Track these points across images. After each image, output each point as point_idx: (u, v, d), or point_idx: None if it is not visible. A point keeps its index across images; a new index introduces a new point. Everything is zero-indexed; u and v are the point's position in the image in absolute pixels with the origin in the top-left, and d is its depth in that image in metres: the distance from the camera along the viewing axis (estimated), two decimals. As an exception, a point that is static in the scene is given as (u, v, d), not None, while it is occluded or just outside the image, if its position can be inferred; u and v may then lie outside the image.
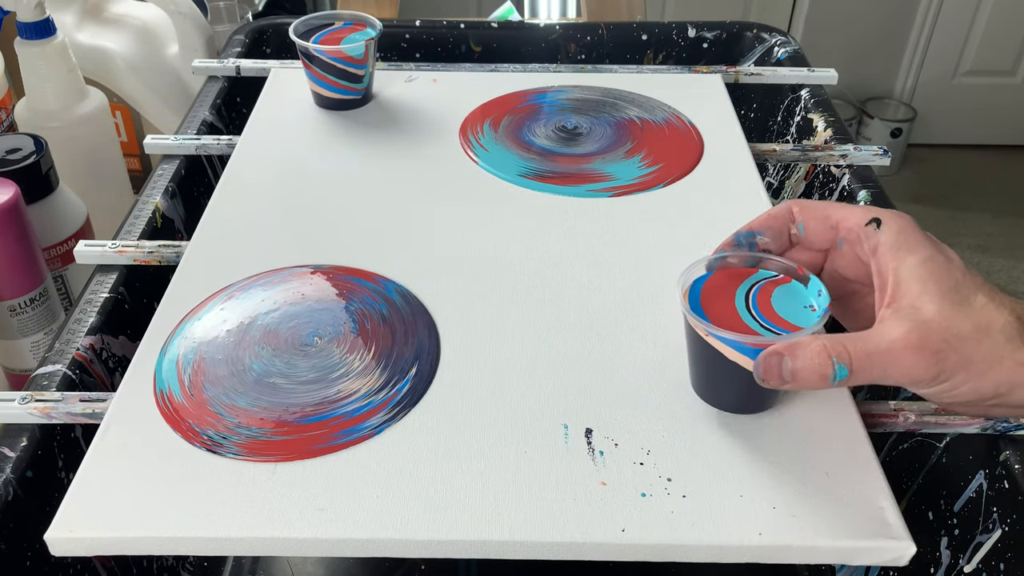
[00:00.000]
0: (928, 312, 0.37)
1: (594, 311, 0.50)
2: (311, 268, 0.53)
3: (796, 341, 0.38)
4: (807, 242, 0.43)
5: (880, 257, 0.40)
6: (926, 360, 0.36)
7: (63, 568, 0.45)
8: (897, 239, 0.39)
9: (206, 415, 0.43)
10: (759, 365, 0.39)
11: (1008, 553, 0.43)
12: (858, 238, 0.41)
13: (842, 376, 0.37)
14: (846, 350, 0.37)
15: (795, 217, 0.43)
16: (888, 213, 0.40)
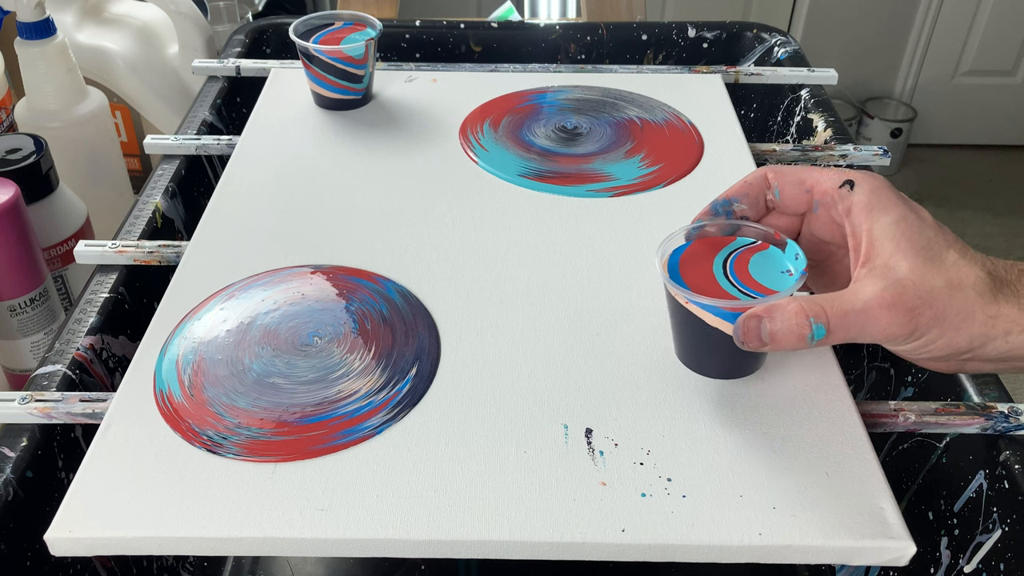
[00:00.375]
0: (902, 270, 0.37)
1: (594, 311, 0.50)
2: (311, 268, 0.53)
3: (774, 304, 0.39)
4: (783, 207, 0.44)
5: (854, 218, 0.40)
6: (901, 317, 0.37)
7: (63, 568, 0.45)
8: (870, 199, 0.40)
9: (206, 415, 0.43)
10: (738, 328, 0.39)
11: (1008, 553, 0.43)
12: (832, 200, 0.42)
13: (820, 336, 0.37)
14: (823, 310, 0.37)
15: (770, 183, 0.44)
16: (861, 174, 0.41)
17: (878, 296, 0.37)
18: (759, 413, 0.44)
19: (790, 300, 0.38)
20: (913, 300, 0.37)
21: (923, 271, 0.37)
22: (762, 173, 0.44)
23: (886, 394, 0.57)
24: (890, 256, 0.38)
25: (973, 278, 0.37)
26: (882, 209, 0.39)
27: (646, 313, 0.50)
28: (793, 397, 0.45)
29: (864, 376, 0.60)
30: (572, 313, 0.50)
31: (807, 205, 0.43)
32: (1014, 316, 0.36)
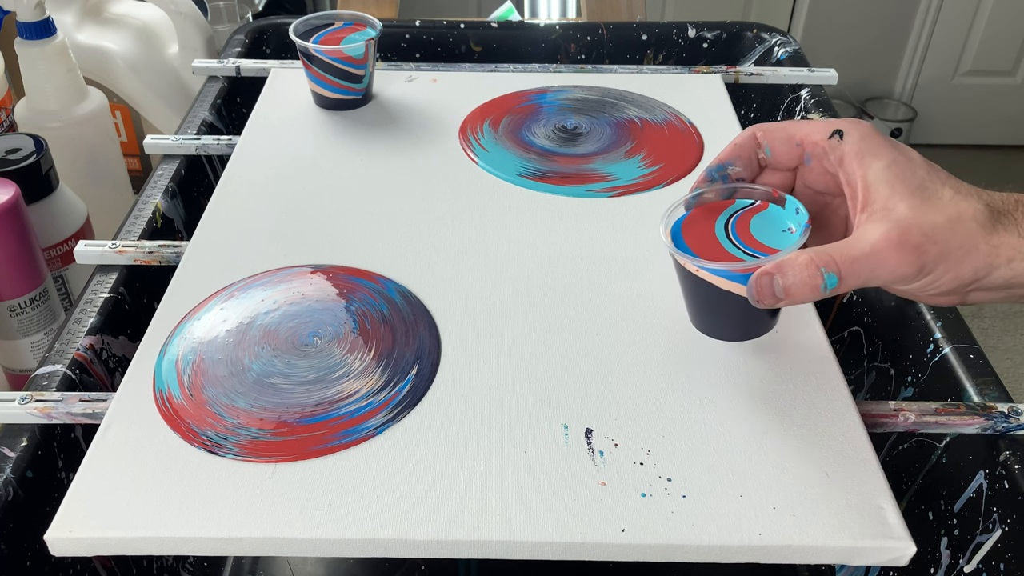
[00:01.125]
0: (901, 211, 0.38)
1: (594, 311, 0.50)
2: (311, 268, 0.53)
3: (784, 259, 0.39)
4: (775, 163, 0.45)
5: (847, 166, 0.41)
6: (909, 256, 0.37)
7: (63, 568, 0.45)
8: (860, 146, 0.40)
9: (206, 416, 0.43)
10: (752, 287, 0.40)
11: (1008, 553, 0.43)
12: (823, 151, 0.42)
13: (832, 284, 0.38)
14: (832, 259, 0.38)
15: (760, 141, 0.44)
16: (847, 122, 0.42)
17: (883, 238, 0.37)
18: (759, 413, 0.44)
19: (799, 253, 0.39)
20: (918, 238, 0.37)
21: (922, 209, 0.38)
22: (751, 133, 0.45)
23: (886, 394, 0.57)
24: (887, 199, 0.38)
25: (972, 211, 0.38)
26: (873, 155, 0.40)
27: (646, 313, 0.50)
28: (793, 397, 0.45)
29: (864, 376, 0.60)
30: (572, 313, 0.50)
31: (799, 159, 0.44)
32: (1015, 244, 0.37)
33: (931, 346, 0.52)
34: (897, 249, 0.37)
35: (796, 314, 0.50)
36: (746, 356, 0.47)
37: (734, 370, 0.46)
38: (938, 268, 0.38)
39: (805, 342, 0.48)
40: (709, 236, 0.43)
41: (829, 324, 0.65)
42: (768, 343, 0.48)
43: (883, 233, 0.38)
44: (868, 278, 0.38)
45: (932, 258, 0.37)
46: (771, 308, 0.41)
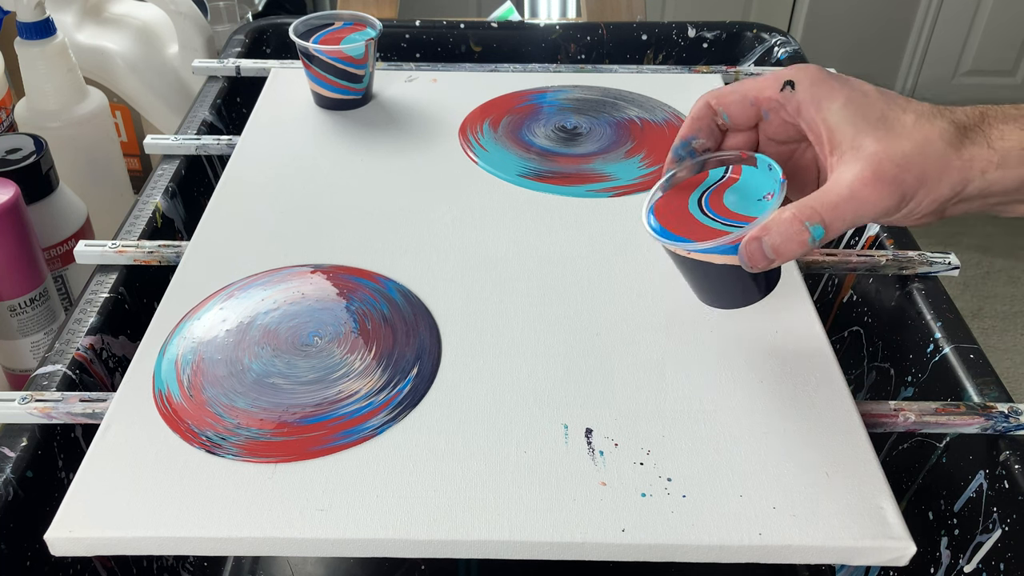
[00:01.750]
0: (870, 147, 0.38)
1: (594, 311, 0.50)
2: (311, 267, 0.53)
3: (767, 221, 0.39)
4: (735, 126, 0.45)
5: (804, 114, 0.41)
6: (887, 189, 0.38)
7: (63, 568, 0.45)
8: (813, 92, 0.41)
9: (205, 416, 0.43)
10: (742, 255, 0.40)
11: (1008, 553, 0.43)
12: (778, 105, 0.42)
13: (819, 235, 0.38)
14: (814, 210, 0.38)
15: (715, 108, 0.44)
16: (795, 69, 0.42)
17: (858, 178, 0.38)
18: (759, 413, 0.44)
19: (782, 211, 0.39)
20: (892, 170, 0.38)
21: (889, 141, 0.38)
22: (704, 102, 0.45)
23: (886, 394, 0.57)
24: (853, 138, 0.39)
25: (938, 131, 0.38)
26: (827, 97, 0.40)
27: (646, 313, 0.50)
28: (793, 397, 0.45)
29: (864, 376, 0.60)
30: (572, 313, 0.50)
31: (757, 116, 0.44)
32: (985, 155, 0.38)
33: (931, 346, 0.52)
34: (874, 185, 0.38)
35: (796, 314, 0.50)
36: (746, 356, 0.47)
37: (734, 370, 0.46)
38: (918, 194, 0.38)
39: (805, 342, 0.48)
40: (685, 216, 0.43)
41: (829, 324, 0.65)
42: (768, 343, 0.48)
43: (857, 173, 0.38)
44: (853, 220, 0.38)
45: (910, 186, 0.38)
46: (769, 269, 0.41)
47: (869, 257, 0.56)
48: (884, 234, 0.60)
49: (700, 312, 0.50)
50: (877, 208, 0.38)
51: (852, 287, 0.63)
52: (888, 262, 0.56)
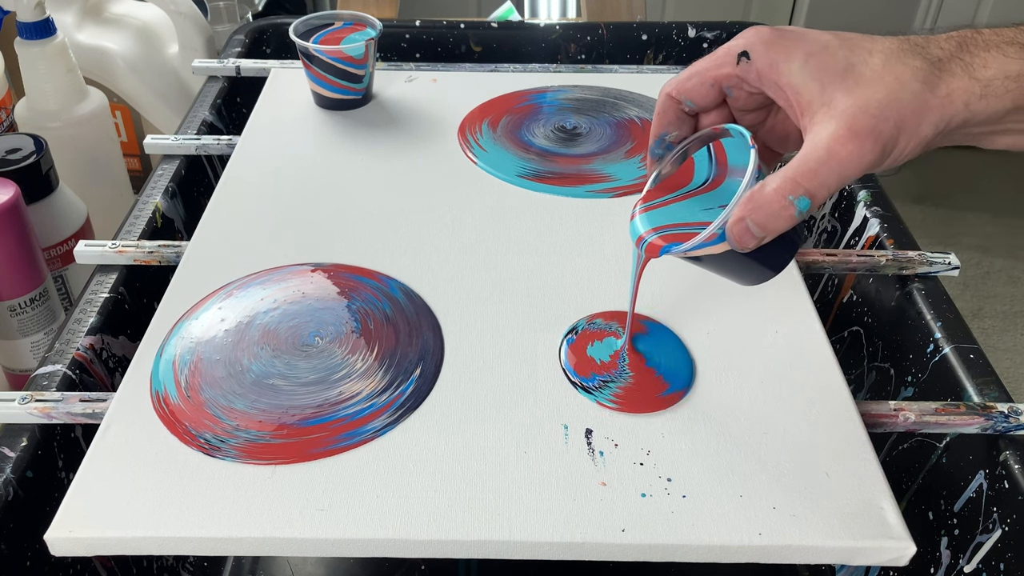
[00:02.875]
0: (841, 102, 0.36)
1: (594, 311, 0.50)
2: (311, 266, 0.53)
3: (749, 199, 0.37)
4: (702, 109, 0.43)
5: (766, 81, 0.39)
6: (866, 144, 0.36)
7: (63, 568, 0.45)
8: (769, 56, 0.39)
9: (203, 418, 0.43)
10: (731, 240, 0.38)
11: (1008, 553, 0.43)
12: (739, 79, 0.41)
13: (806, 206, 0.37)
14: (795, 182, 0.36)
15: (678, 98, 0.43)
16: (746, 36, 0.40)
17: (834, 137, 0.36)
18: (759, 413, 0.44)
19: (761, 187, 0.37)
20: (868, 122, 0.36)
21: (860, 91, 0.36)
22: (665, 95, 0.43)
23: (886, 394, 0.57)
24: (821, 94, 0.37)
25: (911, 71, 0.36)
26: (785, 58, 0.38)
27: (646, 313, 0.50)
28: (793, 397, 0.45)
29: (864, 376, 0.60)
30: (573, 313, 0.50)
31: (721, 95, 0.42)
32: (966, 87, 0.36)
33: (931, 346, 0.52)
34: (853, 142, 0.36)
35: (796, 314, 0.50)
36: (746, 356, 0.47)
37: (734, 370, 0.46)
38: (899, 141, 0.36)
39: (805, 342, 0.48)
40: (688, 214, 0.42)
41: (829, 324, 0.65)
42: (768, 343, 0.48)
43: (832, 132, 0.36)
44: (838, 182, 0.37)
45: (890, 136, 0.36)
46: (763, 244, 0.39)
47: (869, 257, 0.56)
48: (884, 234, 0.60)
49: (700, 312, 0.50)
50: (861, 165, 0.36)
51: (852, 287, 0.63)
52: (888, 262, 0.56)
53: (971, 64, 0.36)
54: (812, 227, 0.72)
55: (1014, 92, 0.35)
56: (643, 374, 0.46)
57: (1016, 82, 0.35)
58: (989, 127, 0.37)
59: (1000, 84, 0.36)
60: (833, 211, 0.68)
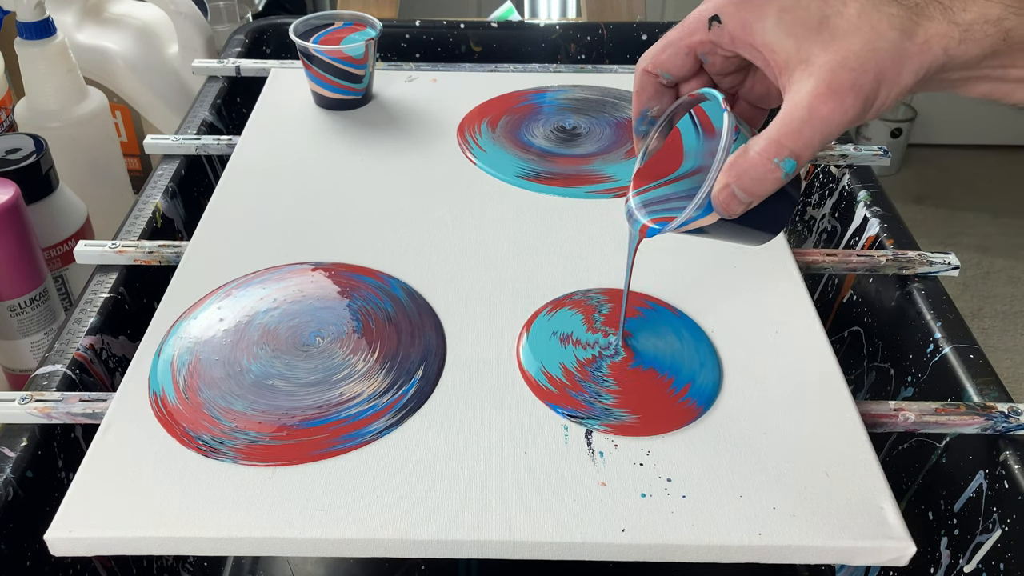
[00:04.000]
0: (818, 57, 0.35)
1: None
2: (312, 265, 0.53)
3: (731, 165, 0.37)
4: (680, 79, 0.42)
5: (740, 43, 0.38)
6: (847, 99, 0.35)
7: (63, 568, 0.45)
8: (740, 17, 0.38)
9: (201, 419, 0.43)
10: (718, 207, 0.38)
11: (1008, 553, 0.43)
12: (712, 46, 0.40)
13: (791, 168, 0.36)
14: (779, 144, 0.36)
15: (655, 72, 0.42)
16: (714, 2, 0.39)
17: (814, 95, 0.35)
18: (759, 413, 0.44)
19: (744, 151, 0.36)
20: (848, 77, 0.35)
21: (836, 44, 0.35)
22: (641, 71, 0.42)
23: (886, 394, 0.57)
24: (798, 51, 0.36)
25: (887, 19, 0.35)
26: (757, 17, 0.37)
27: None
28: (793, 397, 0.45)
29: (864, 376, 0.60)
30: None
31: (697, 62, 0.41)
32: (944, 31, 0.35)
33: (931, 346, 0.52)
34: (833, 98, 0.35)
35: (796, 314, 0.50)
36: (746, 356, 0.47)
37: (734, 370, 0.46)
38: (880, 93, 0.35)
39: (805, 342, 0.48)
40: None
41: (829, 324, 0.65)
42: (768, 343, 0.48)
43: (811, 89, 0.35)
44: (823, 139, 0.36)
45: (870, 88, 0.35)
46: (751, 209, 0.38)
47: (869, 257, 0.56)
48: (884, 234, 0.60)
49: (699, 312, 0.50)
50: (844, 121, 0.35)
51: (852, 287, 0.63)
52: (888, 262, 0.56)
53: (950, 7, 0.35)
54: (812, 227, 0.72)
55: (993, 37, 0.34)
56: (641, 379, 0.46)
57: (996, 26, 0.34)
58: (966, 72, 0.36)
59: (980, 28, 0.35)
60: (833, 211, 0.68)
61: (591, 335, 0.48)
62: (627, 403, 0.44)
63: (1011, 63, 0.35)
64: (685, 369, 0.46)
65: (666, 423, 0.43)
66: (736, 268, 0.54)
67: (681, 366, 0.46)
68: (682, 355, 0.47)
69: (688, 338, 0.48)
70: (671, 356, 0.47)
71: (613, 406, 0.44)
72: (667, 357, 0.47)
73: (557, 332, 0.48)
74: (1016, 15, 0.34)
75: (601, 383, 0.45)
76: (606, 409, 0.44)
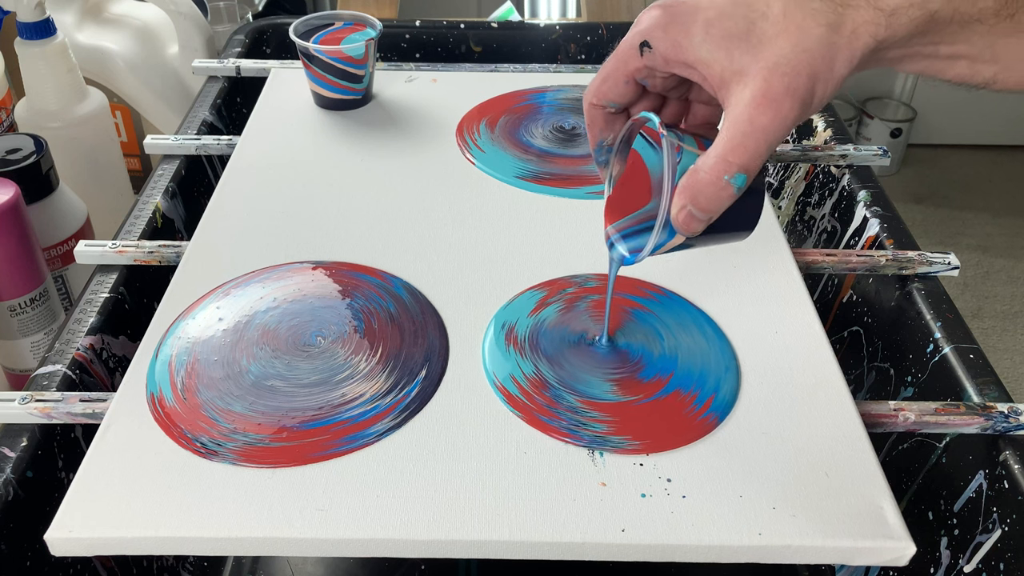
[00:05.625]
0: (751, 67, 0.35)
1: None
2: (312, 263, 0.53)
3: (684, 188, 0.37)
4: (628, 104, 0.42)
5: (674, 63, 0.38)
6: (785, 103, 0.35)
7: (63, 568, 0.45)
8: (669, 39, 0.37)
9: (199, 420, 0.43)
10: (680, 228, 0.38)
11: (1008, 553, 0.43)
12: (650, 70, 0.40)
13: (742, 181, 0.36)
14: (726, 161, 0.36)
15: (601, 104, 0.42)
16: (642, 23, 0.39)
17: (752, 104, 0.35)
18: (759, 413, 0.44)
19: (694, 172, 0.36)
20: (781, 82, 0.35)
21: (765, 49, 0.35)
22: (588, 105, 0.42)
23: (886, 394, 0.57)
24: (730, 63, 0.36)
25: (812, 16, 0.35)
26: (686, 36, 0.37)
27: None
28: (793, 397, 0.45)
29: (864, 376, 0.60)
30: (572, 313, 0.50)
31: (639, 87, 0.41)
32: (870, 18, 0.35)
33: (931, 346, 0.52)
34: (771, 106, 0.35)
35: (796, 314, 0.50)
36: (746, 356, 0.47)
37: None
38: (816, 90, 0.35)
39: (805, 342, 0.48)
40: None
41: (829, 324, 0.65)
42: (768, 343, 0.48)
43: (749, 100, 0.35)
44: (769, 147, 0.35)
45: (806, 89, 0.35)
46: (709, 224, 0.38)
47: (869, 257, 0.56)
48: (884, 234, 0.60)
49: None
50: (785, 126, 0.35)
51: (852, 287, 0.63)
52: (888, 262, 0.56)
53: None
54: (812, 227, 0.72)
55: (918, 19, 0.35)
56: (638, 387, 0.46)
57: (920, 9, 0.35)
58: (899, 51, 0.36)
59: (905, 12, 0.35)
60: (833, 211, 0.68)
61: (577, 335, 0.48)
62: (628, 430, 0.43)
63: (940, 40, 0.36)
64: (711, 377, 0.45)
65: (675, 441, 0.42)
66: (736, 268, 0.54)
67: (707, 375, 0.45)
68: (708, 359, 0.46)
69: (712, 335, 0.47)
70: (699, 361, 0.46)
71: (608, 434, 0.42)
72: (693, 365, 0.46)
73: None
74: None
75: (579, 412, 0.44)
76: (598, 438, 0.42)
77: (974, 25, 0.35)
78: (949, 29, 0.35)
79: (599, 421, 0.43)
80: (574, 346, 0.47)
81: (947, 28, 0.35)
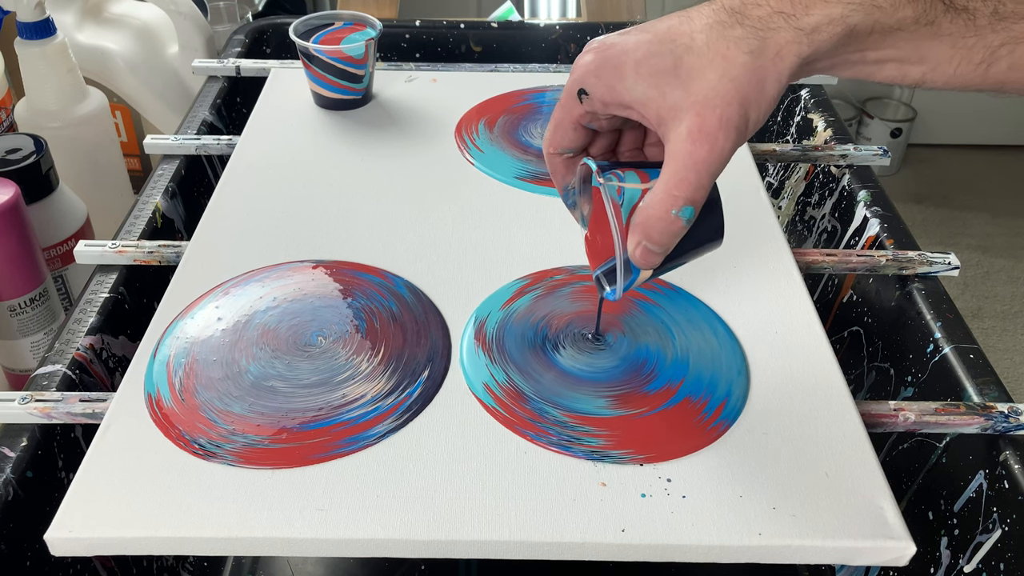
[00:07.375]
0: (683, 102, 0.36)
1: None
2: (312, 262, 0.53)
3: (637, 225, 0.38)
4: (583, 148, 0.43)
5: (612, 105, 0.39)
6: (721, 135, 0.36)
7: (63, 568, 0.45)
8: (603, 83, 0.38)
9: (198, 421, 0.42)
10: (639, 264, 0.39)
11: (1008, 553, 0.43)
12: (591, 114, 0.40)
13: (690, 213, 0.37)
14: (671, 195, 0.36)
15: (558, 151, 0.43)
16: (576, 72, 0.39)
17: (689, 138, 0.36)
18: (759, 413, 0.44)
19: (644, 210, 0.37)
20: (712, 115, 0.35)
21: (696, 85, 0.36)
22: (547, 155, 0.43)
23: (886, 394, 0.57)
24: (664, 100, 0.36)
25: (735, 45, 0.36)
26: (619, 78, 0.38)
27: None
28: (793, 397, 0.45)
29: (864, 376, 0.60)
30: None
31: (588, 135, 0.42)
32: (791, 38, 0.35)
33: (931, 346, 0.52)
34: (707, 140, 0.35)
35: (796, 314, 0.50)
36: (746, 356, 0.47)
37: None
38: (750, 115, 0.36)
39: (805, 342, 0.48)
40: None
41: (829, 324, 0.65)
42: (768, 343, 0.48)
43: (685, 135, 0.36)
44: (711, 177, 0.36)
45: (739, 117, 0.36)
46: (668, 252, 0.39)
47: (869, 257, 0.56)
48: (884, 234, 0.60)
49: (700, 312, 0.50)
50: (723, 155, 0.36)
51: (852, 287, 0.63)
52: (888, 262, 0.56)
53: (792, 15, 0.36)
54: (812, 227, 0.72)
55: (839, 34, 0.35)
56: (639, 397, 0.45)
57: (840, 24, 0.35)
58: (828, 61, 0.37)
59: (825, 29, 0.35)
60: (833, 211, 0.68)
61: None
62: (630, 444, 0.42)
63: (865, 47, 0.36)
64: (723, 382, 0.45)
65: (682, 451, 0.42)
66: (736, 268, 0.54)
67: (718, 379, 0.45)
68: (719, 361, 0.46)
69: (722, 333, 0.47)
70: (710, 364, 0.46)
71: (608, 448, 0.42)
72: (704, 369, 0.46)
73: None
74: (857, 12, 0.35)
75: (568, 427, 0.43)
76: (596, 452, 0.42)
77: (896, 32, 0.36)
78: (872, 38, 0.36)
79: (595, 436, 0.42)
80: (544, 352, 0.46)
81: (869, 38, 0.36)
